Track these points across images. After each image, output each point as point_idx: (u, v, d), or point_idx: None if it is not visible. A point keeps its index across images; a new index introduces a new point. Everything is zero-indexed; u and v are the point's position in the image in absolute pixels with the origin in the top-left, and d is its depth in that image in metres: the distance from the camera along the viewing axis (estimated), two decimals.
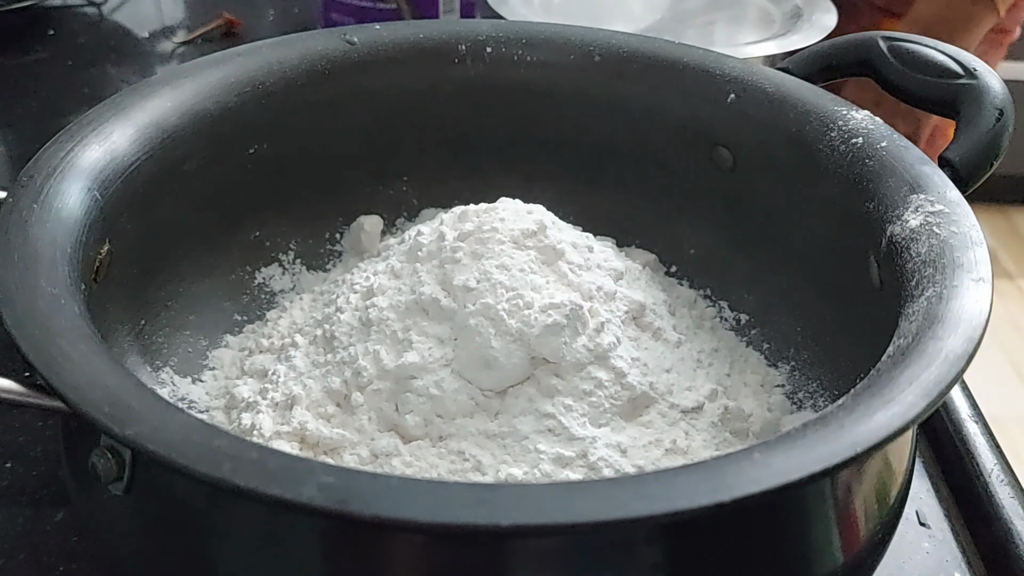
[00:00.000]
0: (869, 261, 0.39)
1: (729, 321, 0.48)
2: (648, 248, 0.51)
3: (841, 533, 0.32)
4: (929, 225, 0.36)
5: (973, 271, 0.33)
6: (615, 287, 0.42)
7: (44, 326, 0.30)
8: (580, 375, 0.39)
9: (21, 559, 0.39)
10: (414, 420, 0.38)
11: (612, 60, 0.48)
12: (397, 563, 0.28)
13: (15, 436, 0.44)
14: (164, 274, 0.45)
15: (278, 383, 0.41)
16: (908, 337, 0.31)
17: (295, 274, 0.50)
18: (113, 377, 0.29)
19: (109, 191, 0.39)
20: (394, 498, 0.25)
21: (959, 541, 0.42)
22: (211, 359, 0.46)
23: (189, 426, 0.27)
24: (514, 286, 0.39)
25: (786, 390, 0.45)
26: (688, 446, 0.39)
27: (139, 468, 0.30)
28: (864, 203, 0.40)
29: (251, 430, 0.39)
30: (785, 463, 0.26)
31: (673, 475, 0.26)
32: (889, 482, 0.34)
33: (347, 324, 0.42)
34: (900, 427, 0.28)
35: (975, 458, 0.44)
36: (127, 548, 0.32)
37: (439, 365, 0.39)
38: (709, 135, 0.47)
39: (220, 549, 0.30)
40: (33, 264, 0.33)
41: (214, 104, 0.44)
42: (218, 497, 0.29)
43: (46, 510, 0.40)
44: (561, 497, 0.25)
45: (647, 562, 0.29)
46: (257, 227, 0.49)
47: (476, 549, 0.28)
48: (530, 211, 0.43)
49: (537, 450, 0.37)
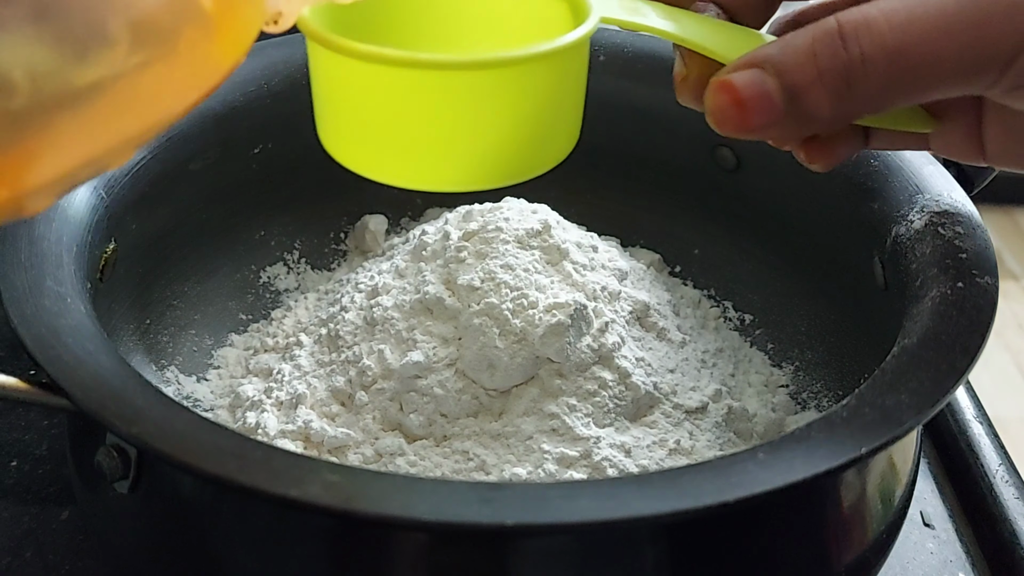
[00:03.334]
0: (874, 261, 0.39)
1: (733, 321, 0.48)
2: (652, 248, 0.51)
3: (845, 533, 0.32)
4: (934, 226, 0.36)
5: (978, 272, 0.33)
6: (619, 287, 0.42)
7: (50, 325, 0.30)
8: (584, 375, 0.39)
9: (27, 557, 0.39)
10: (418, 419, 0.38)
11: (617, 60, 0.48)
12: (401, 562, 0.28)
13: (21, 434, 0.44)
14: (169, 273, 0.45)
15: (283, 382, 0.41)
16: (913, 338, 0.31)
17: (300, 273, 0.50)
18: (119, 376, 0.29)
19: (115, 190, 0.39)
20: (399, 497, 0.25)
21: (963, 542, 0.42)
22: (216, 358, 0.46)
23: (194, 425, 0.27)
24: (518, 286, 0.39)
25: (790, 390, 0.45)
26: (692, 446, 0.39)
27: (144, 466, 0.30)
28: (869, 203, 0.40)
29: (256, 429, 0.39)
30: (789, 463, 0.26)
31: (677, 475, 0.26)
32: (893, 483, 0.34)
33: (352, 323, 0.42)
34: (904, 428, 0.28)
35: (980, 459, 0.44)
36: (132, 546, 0.33)
37: (443, 365, 0.39)
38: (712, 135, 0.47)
39: (225, 547, 0.30)
40: (39, 263, 0.33)
41: (219, 104, 0.44)
42: (223, 495, 0.29)
43: (52, 508, 0.41)
44: (565, 497, 0.25)
45: (651, 562, 0.29)
46: (262, 226, 0.49)
47: (480, 548, 0.28)
48: (535, 211, 0.43)
49: (541, 450, 0.37)
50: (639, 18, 0.32)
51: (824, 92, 0.29)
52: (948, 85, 0.29)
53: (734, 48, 0.31)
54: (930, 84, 0.29)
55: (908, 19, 0.28)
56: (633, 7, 0.33)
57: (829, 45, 0.28)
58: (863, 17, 0.28)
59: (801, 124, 0.30)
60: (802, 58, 0.29)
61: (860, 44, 0.28)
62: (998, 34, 0.28)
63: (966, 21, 0.28)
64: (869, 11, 0.28)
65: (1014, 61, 0.28)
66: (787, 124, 0.30)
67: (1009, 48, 0.28)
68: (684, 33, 0.32)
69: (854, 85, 0.28)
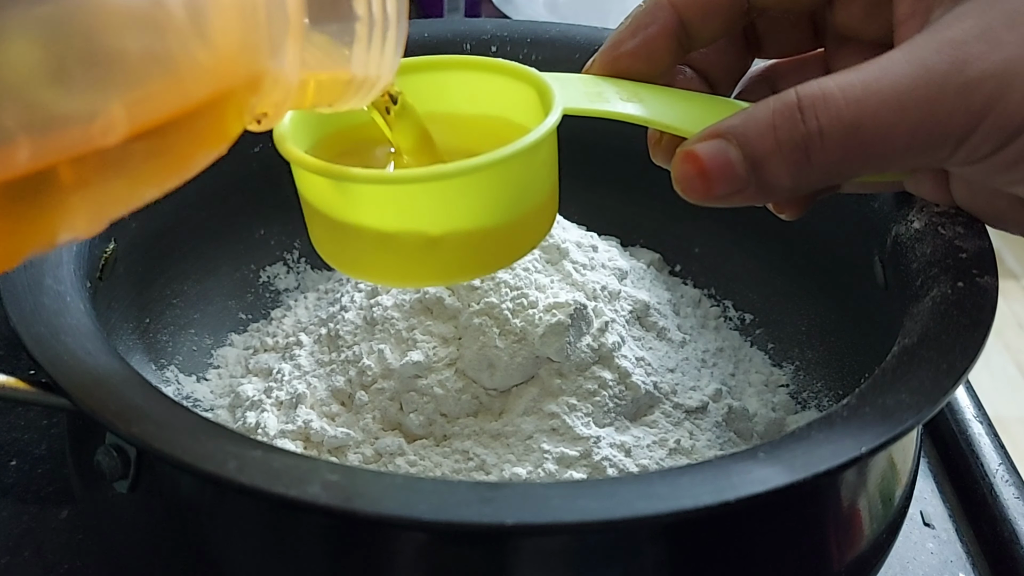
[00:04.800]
0: (874, 261, 0.39)
1: (734, 321, 0.48)
2: (652, 247, 0.51)
3: (845, 533, 0.32)
4: (934, 225, 0.36)
5: (978, 272, 0.33)
6: (619, 286, 0.42)
7: (49, 324, 0.30)
8: (584, 375, 0.39)
9: (26, 556, 0.39)
10: (418, 419, 0.38)
11: None
12: (401, 562, 0.28)
13: (20, 434, 0.44)
14: (169, 272, 0.45)
15: (283, 382, 0.41)
16: (913, 337, 0.31)
17: (300, 273, 0.50)
18: (118, 375, 0.29)
19: None
20: (398, 497, 0.25)
21: (963, 541, 0.42)
22: (216, 357, 0.46)
23: (194, 424, 0.27)
24: (518, 285, 0.39)
25: (790, 390, 0.45)
26: (692, 446, 0.39)
27: (144, 466, 0.30)
28: (869, 203, 0.39)
29: (255, 429, 0.39)
30: (790, 463, 0.26)
31: (677, 475, 0.26)
32: (893, 482, 0.34)
33: (352, 323, 0.42)
34: (905, 427, 0.28)
35: (980, 458, 0.44)
36: (132, 546, 0.33)
37: (443, 364, 0.39)
38: None
39: (224, 547, 0.30)
40: (39, 262, 0.33)
41: None
42: (223, 495, 0.29)
43: (51, 508, 0.41)
44: (565, 496, 0.25)
45: (651, 561, 0.29)
46: (262, 226, 0.49)
47: (480, 548, 0.28)
48: None
49: (541, 449, 0.37)
50: (604, 105, 0.33)
51: (784, 163, 0.29)
52: (903, 159, 0.29)
53: (698, 122, 0.32)
54: (885, 158, 0.29)
55: (864, 94, 0.29)
56: (597, 92, 0.34)
57: (788, 118, 0.29)
58: (820, 91, 0.29)
59: (764, 192, 0.30)
60: (763, 129, 0.29)
61: (818, 117, 0.29)
62: (949, 112, 0.28)
63: (919, 99, 0.28)
64: (827, 84, 0.29)
65: (966, 140, 0.29)
66: (750, 192, 0.30)
67: (960, 127, 0.28)
68: (649, 115, 0.33)
69: (812, 157, 0.29)
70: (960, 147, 0.29)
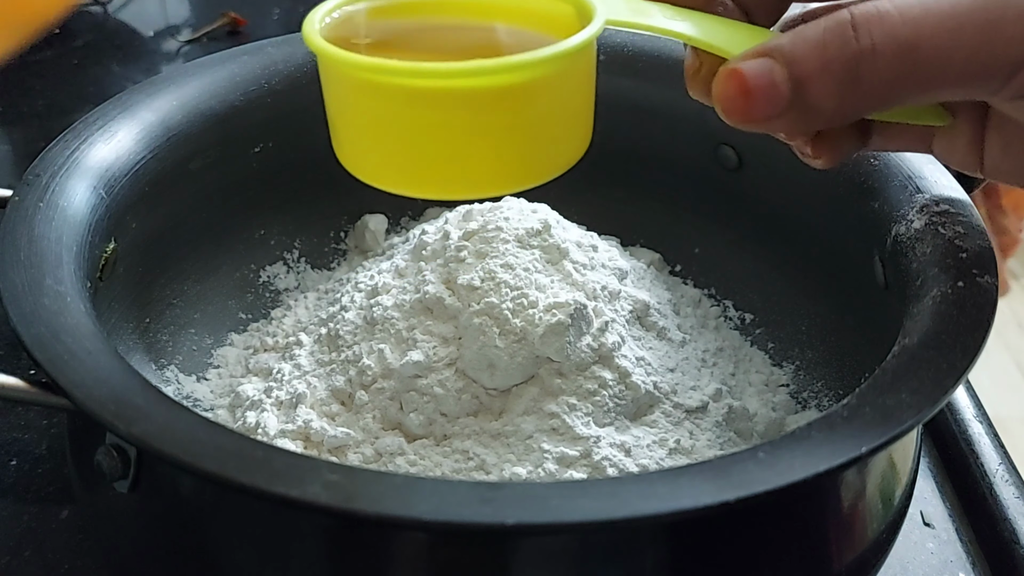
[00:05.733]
0: (874, 261, 0.39)
1: (734, 320, 0.48)
2: (652, 247, 0.51)
3: (845, 533, 0.32)
4: (934, 225, 0.36)
5: (978, 271, 0.33)
6: (619, 286, 0.42)
7: (50, 324, 0.30)
8: (584, 375, 0.39)
9: (26, 556, 0.39)
10: (418, 419, 0.38)
11: (617, 58, 0.48)
12: (401, 561, 0.28)
13: (20, 434, 0.44)
14: (169, 272, 0.45)
15: (283, 382, 0.41)
16: (913, 337, 0.31)
17: (300, 273, 0.50)
18: (118, 375, 0.29)
19: (115, 190, 0.39)
20: (399, 496, 0.25)
21: (963, 541, 0.42)
22: (216, 357, 0.46)
23: (194, 424, 0.27)
24: (518, 285, 0.39)
25: (791, 390, 0.45)
26: (692, 446, 0.39)
27: (144, 466, 0.30)
28: (869, 203, 0.39)
29: (256, 429, 0.39)
30: (790, 463, 0.26)
31: (677, 474, 0.26)
32: (893, 482, 0.34)
33: (352, 323, 0.42)
34: (905, 427, 0.28)
35: (980, 458, 0.44)
36: (132, 546, 0.33)
37: (443, 364, 0.39)
38: (714, 134, 0.47)
39: (225, 547, 0.30)
40: (39, 262, 0.33)
41: (219, 103, 0.44)
42: (223, 495, 0.29)
43: (51, 508, 0.41)
44: (565, 496, 0.25)
45: (651, 561, 0.29)
46: (262, 226, 0.49)
47: (480, 548, 0.28)
48: (534, 210, 0.43)
49: (541, 449, 0.37)
50: (645, 19, 0.32)
51: (831, 83, 0.28)
52: (955, 85, 0.29)
53: (743, 44, 0.31)
54: (937, 83, 0.28)
55: (922, 14, 0.28)
56: (639, 8, 0.33)
57: (840, 35, 0.28)
58: (876, 9, 0.28)
59: (806, 117, 0.29)
60: (812, 48, 0.29)
61: (872, 35, 0.28)
62: (1008, 39, 0.28)
63: (979, 22, 0.28)
64: (882, 4, 0.28)
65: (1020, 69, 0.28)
66: (791, 116, 0.29)
67: (1017, 54, 0.28)
68: (691, 32, 0.32)
69: (862, 77, 0.28)
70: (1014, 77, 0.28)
